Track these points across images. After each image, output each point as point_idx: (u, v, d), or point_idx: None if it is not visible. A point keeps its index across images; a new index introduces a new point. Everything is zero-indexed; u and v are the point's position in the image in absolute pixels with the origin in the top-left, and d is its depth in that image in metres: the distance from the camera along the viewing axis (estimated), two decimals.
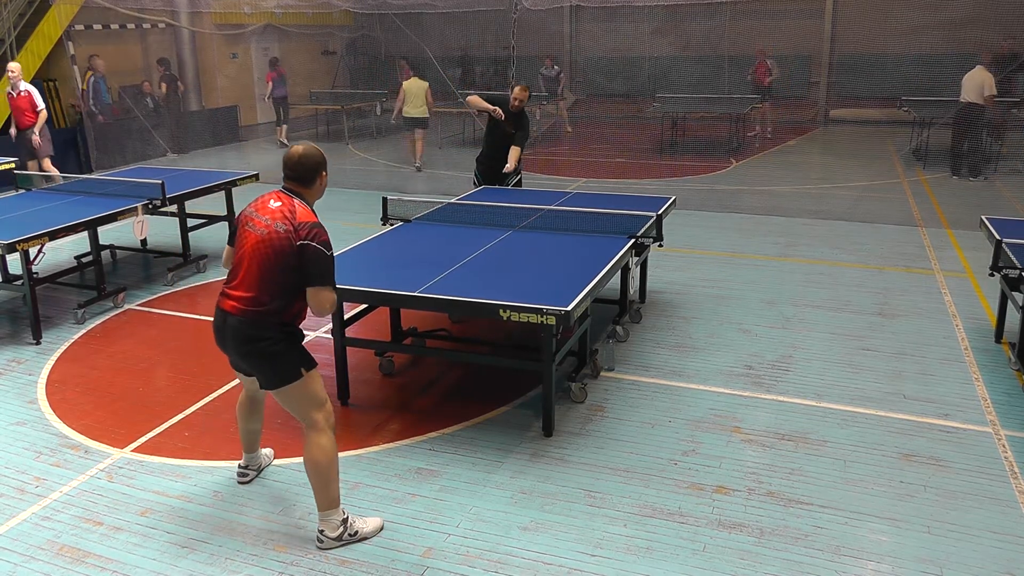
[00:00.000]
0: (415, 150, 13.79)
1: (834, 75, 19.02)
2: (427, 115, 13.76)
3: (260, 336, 3.69)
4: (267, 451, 4.54)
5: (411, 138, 13.86)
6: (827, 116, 19.07)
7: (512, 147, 7.60)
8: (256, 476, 4.40)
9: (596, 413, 5.08)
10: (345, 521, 3.85)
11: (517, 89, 7.63)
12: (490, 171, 7.90)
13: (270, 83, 16.36)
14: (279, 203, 3.73)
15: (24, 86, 10.63)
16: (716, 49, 18.21)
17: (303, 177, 3.80)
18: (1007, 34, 14.22)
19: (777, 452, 4.61)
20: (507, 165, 7.62)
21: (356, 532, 3.86)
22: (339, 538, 3.83)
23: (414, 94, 13.68)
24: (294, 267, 3.63)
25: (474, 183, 8.06)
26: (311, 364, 3.79)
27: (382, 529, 3.94)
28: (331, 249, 3.69)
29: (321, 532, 3.83)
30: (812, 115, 18.99)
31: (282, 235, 3.63)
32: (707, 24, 18.08)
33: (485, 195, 7.42)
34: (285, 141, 16.44)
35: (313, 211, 3.77)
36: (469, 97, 7.93)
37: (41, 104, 10.67)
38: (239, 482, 4.35)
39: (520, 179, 8.11)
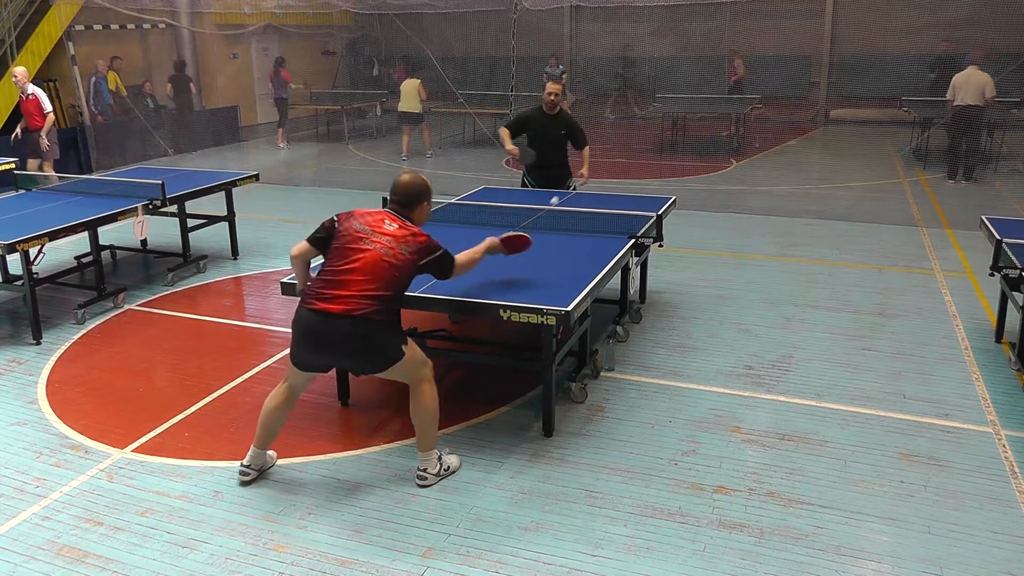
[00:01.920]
0: (404, 143, 14.86)
1: (834, 75, 19.03)
2: (419, 109, 14.75)
3: (370, 333, 4.00)
4: (272, 453, 4.53)
5: (408, 132, 14.82)
6: (827, 116, 19.07)
7: (581, 150, 7.66)
8: (258, 476, 4.40)
9: (596, 413, 5.08)
10: (439, 458, 4.34)
11: (548, 86, 7.51)
12: (543, 177, 7.73)
13: (288, 82, 16.33)
14: (395, 225, 4.17)
15: (31, 89, 10.66)
16: (716, 49, 18.20)
17: (406, 203, 4.31)
18: (945, 36, 14.39)
19: (777, 452, 4.61)
20: (583, 171, 7.66)
21: (448, 467, 4.38)
22: (438, 473, 4.31)
23: (406, 92, 14.75)
24: (410, 277, 4.18)
25: (523, 185, 7.92)
26: (405, 338, 4.20)
27: (461, 465, 4.45)
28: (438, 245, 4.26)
29: (424, 471, 4.28)
30: (812, 115, 18.99)
31: (407, 256, 4.10)
32: (707, 24, 18.08)
33: (485, 195, 7.40)
34: (282, 144, 16.42)
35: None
36: (500, 131, 7.87)
37: (48, 107, 10.71)
38: (241, 482, 4.34)
39: (573, 184, 7.88)
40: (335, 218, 4.25)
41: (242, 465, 4.37)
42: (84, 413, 5.19)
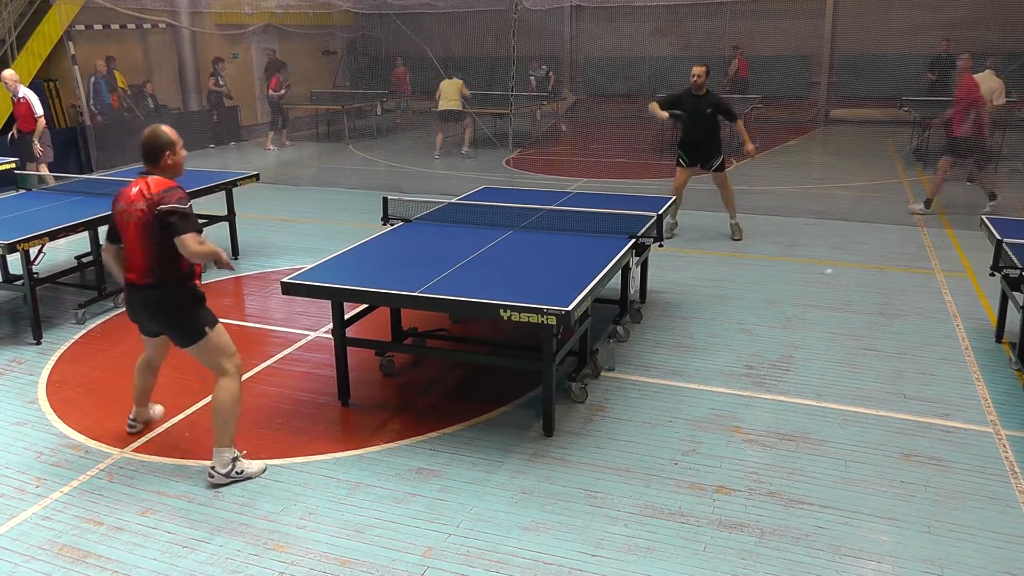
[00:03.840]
0: (438, 142, 15.26)
1: (834, 75, 19.02)
2: (461, 107, 15.31)
3: (161, 300, 4.26)
4: (158, 407, 5.07)
5: (441, 130, 15.37)
6: (827, 116, 19.07)
7: (734, 125, 8.96)
8: (142, 428, 4.89)
9: (597, 413, 5.08)
10: (235, 459, 4.34)
11: (694, 69, 8.50)
12: (696, 152, 8.86)
13: (282, 88, 16.39)
14: (136, 187, 4.21)
15: (23, 92, 10.59)
16: (716, 49, 18.20)
17: (151, 158, 4.28)
18: (945, 36, 14.39)
19: (778, 452, 4.61)
20: (748, 147, 9.02)
21: (243, 471, 4.36)
22: (228, 474, 4.31)
23: (448, 91, 15.21)
24: (161, 232, 4.11)
25: (679, 163, 8.99)
26: (210, 320, 4.32)
27: (264, 471, 4.43)
28: (187, 201, 4.16)
29: (212, 468, 4.32)
30: (812, 115, 18.99)
31: (146, 212, 4.12)
32: (707, 24, 18.08)
33: (485, 195, 7.41)
34: (271, 147, 16.40)
35: (169, 179, 4.26)
36: (650, 105, 8.89)
37: (39, 111, 10.62)
38: (128, 432, 4.83)
39: (723, 160, 8.95)
40: (111, 210, 4.41)
41: (128, 419, 4.89)
42: (84, 413, 5.19)
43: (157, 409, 5.07)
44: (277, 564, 3.72)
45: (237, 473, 4.34)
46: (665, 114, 8.73)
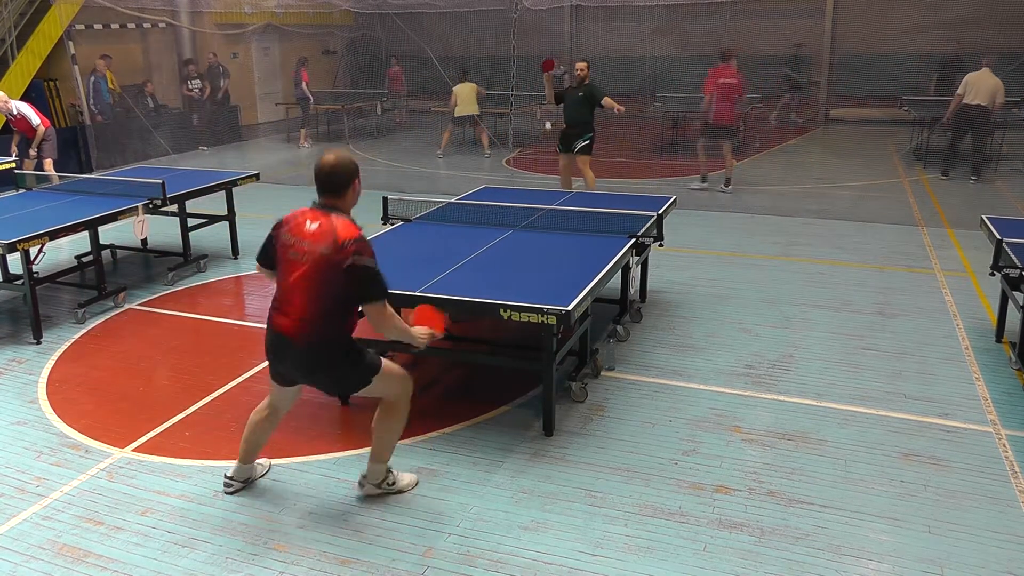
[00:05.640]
0: (444, 140, 15.19)
1: (834, 75, 19.00)
2: (478, 111, 15.25)
3: (324, 362, 3.78)
4: (263, 461, 4.46)
5: (449, 131, 15.24)
6: (827, 116, 19.05)
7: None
8: (244, 487, 4.30)
9: (597, 413, 5.08)
10: (388, 471, 4.17)
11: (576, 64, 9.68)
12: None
13: (306, 83, 16.40)
14: (316, 223, 3.69)
15: (16, 109, 10.44)
16: (716, 49, 18.20)
17: (336, 189, 3.76)
18: (951, 36, 14.38)
19: (778, 452, 4.61)
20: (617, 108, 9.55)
21: (394, 483, 4.19)
22: (379, 485, 4.15)
23: (465, 96, 14.99)
24: (343, 287, 3.64)
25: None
26: (378, 367, 3.90)
27: (416, 484, 4.27)
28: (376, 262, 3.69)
29: (364, 477, 4.16)
30: (812, 114, 18.97)
31: (330, 258, 3.61)
32: (707, 24, 18.07)
33: (485, 195, 7.41)
34: (305, 144, 16.50)
35: (353, 222, 3.75)
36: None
37: (36, 121, 10.58)
38: (225, 492, 4.26)
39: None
40: (272, 229, 3.91)
41: (225, 476, 4.28)
42: (84, 412, 5.19)
43: (263, 463, 4.45)
44: (277, 564, 3.72)
45: (389, 485, 4.18)
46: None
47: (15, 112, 10.43)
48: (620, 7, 17.55)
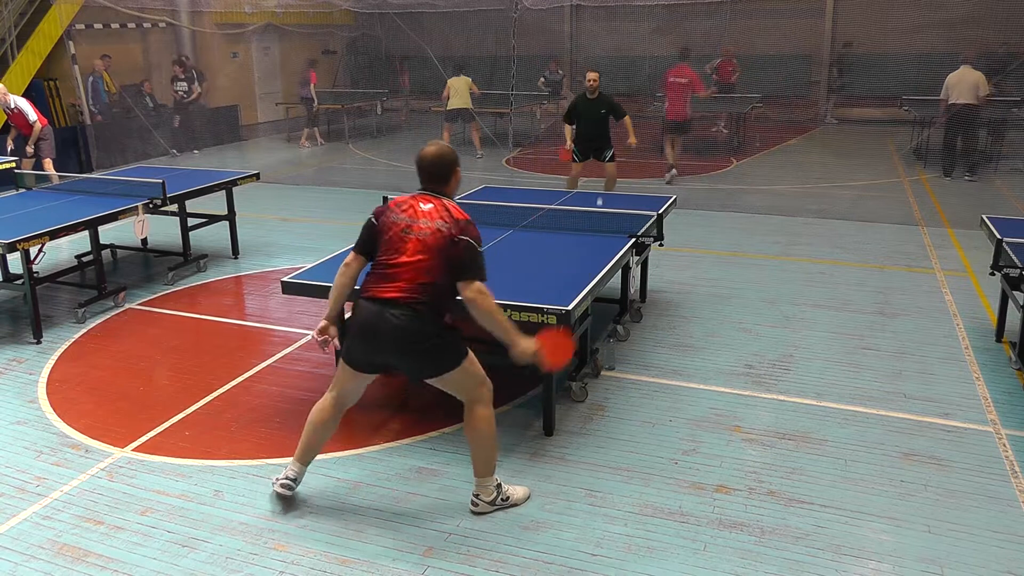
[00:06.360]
0: (445, 139, 14.93)
1: (834, 74, 18.99)
2: (470, 105, 15.00)
3: (423, 328, 3.78)
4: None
5: (449, 129, 15.00)
6: (827, 115, 19.06)
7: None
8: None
9: (597, 412, 5.08)
10: (498, 486, 4.06)
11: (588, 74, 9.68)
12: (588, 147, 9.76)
13: (313, 83, 16.39)
14: (430, 204, 3.91)
15: (14, 104, 10.46)
16: (716, 48, 18.20)
17: (441, 177, 4.05)
18: (1001, 37, 14.32)
19: (778, 451, 4.61)
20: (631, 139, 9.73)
21: (508, 498, 4.08)
22: (492, 502, 4.05)
23: (458, 89, 14.85)
24: (451, 262, 3.77)
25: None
26: (465, 349, 3.94)
27: (529, 497, 4.15)
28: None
29: (477, 496, 4.05)
30: (812, 114, 18.98)
31: (444, 232, 3.79)
32: (707, 24, 18.07)
33: (485, 195, 7.40)
34: (306, 145, 16.48)
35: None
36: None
37: (33, 117, 10.59)
38: (280, 495, 4.13)
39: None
40: (371, 217, 4.03)
41: (287, 479, 4.12)
42: (84, 412, 5.19)
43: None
44: (277, 564, 3.72)
45: (503, 500, 4.07)
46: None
47: (12, 106, 10.44)
48: (620, 7, 17.55)
